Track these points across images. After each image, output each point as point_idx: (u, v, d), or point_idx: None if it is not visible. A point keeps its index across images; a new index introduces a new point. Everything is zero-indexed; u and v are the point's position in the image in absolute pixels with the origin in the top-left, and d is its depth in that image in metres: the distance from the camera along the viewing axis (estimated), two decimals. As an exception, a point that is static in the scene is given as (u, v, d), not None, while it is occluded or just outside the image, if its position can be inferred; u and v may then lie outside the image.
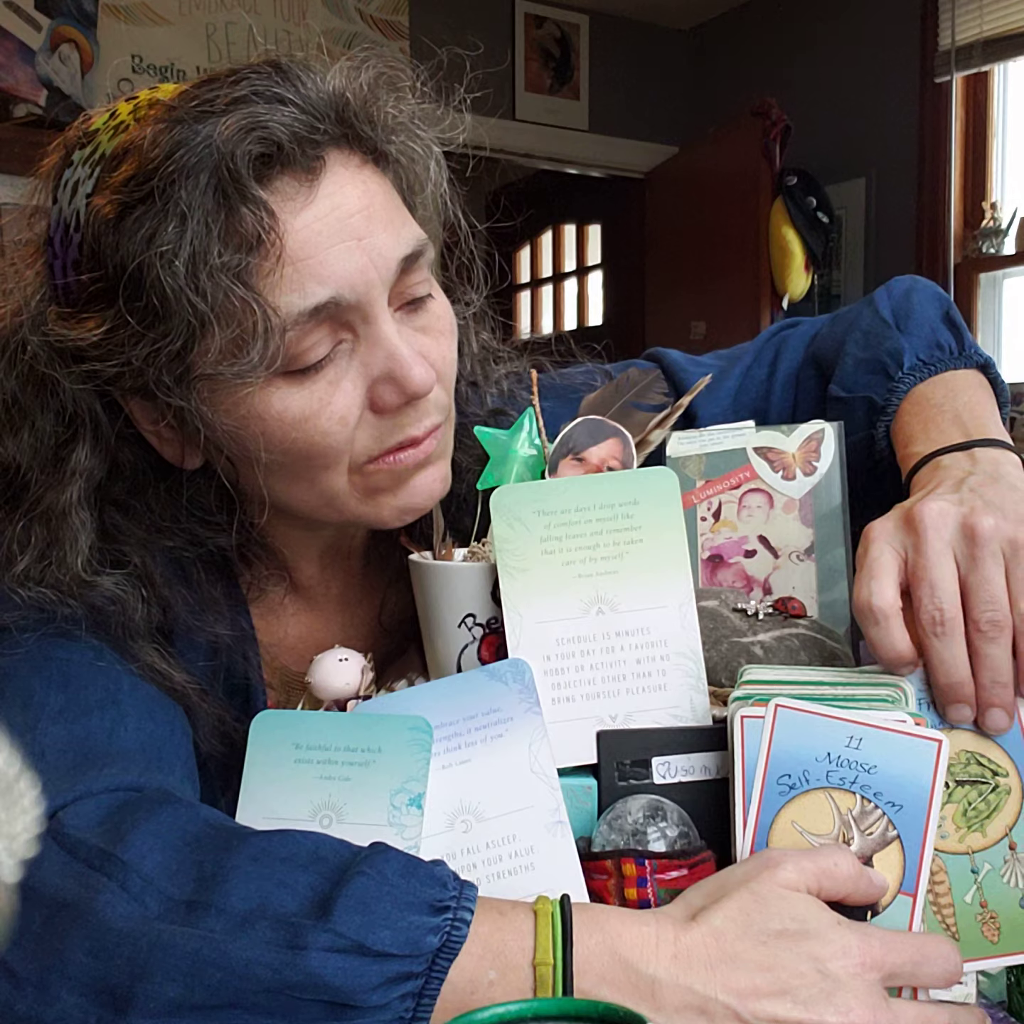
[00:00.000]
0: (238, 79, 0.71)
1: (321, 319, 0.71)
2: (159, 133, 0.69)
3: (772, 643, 0.74)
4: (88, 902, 0.55)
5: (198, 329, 0.69)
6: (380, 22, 4.14)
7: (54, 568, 0.73)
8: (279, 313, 0.69)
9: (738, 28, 4.72)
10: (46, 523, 0.74)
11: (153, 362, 0.71)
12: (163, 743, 0.71)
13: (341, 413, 0.73)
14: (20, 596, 0.71)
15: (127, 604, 0.74)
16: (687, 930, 0.55)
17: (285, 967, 0.52)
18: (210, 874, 0.56)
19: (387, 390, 0.74)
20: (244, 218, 0.68)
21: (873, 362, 0.88)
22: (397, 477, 0.77)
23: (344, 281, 0.71)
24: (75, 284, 0.73)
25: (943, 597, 0.64)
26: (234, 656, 0.80)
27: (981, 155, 3.92)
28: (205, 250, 0.67)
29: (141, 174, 0.69)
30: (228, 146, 0.67)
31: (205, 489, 0.80)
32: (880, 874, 0.60)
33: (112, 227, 0.70)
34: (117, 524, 0.77)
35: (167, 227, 0.67)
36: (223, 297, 0.68)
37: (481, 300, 0.91)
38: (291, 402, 0.72)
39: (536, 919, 0.56)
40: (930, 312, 0.89)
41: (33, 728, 0.66)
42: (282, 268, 0.69)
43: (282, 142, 0.69)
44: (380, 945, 0.53)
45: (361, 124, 0.75)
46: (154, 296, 0.68)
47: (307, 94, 0.72)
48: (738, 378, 0.98)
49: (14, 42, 3.50)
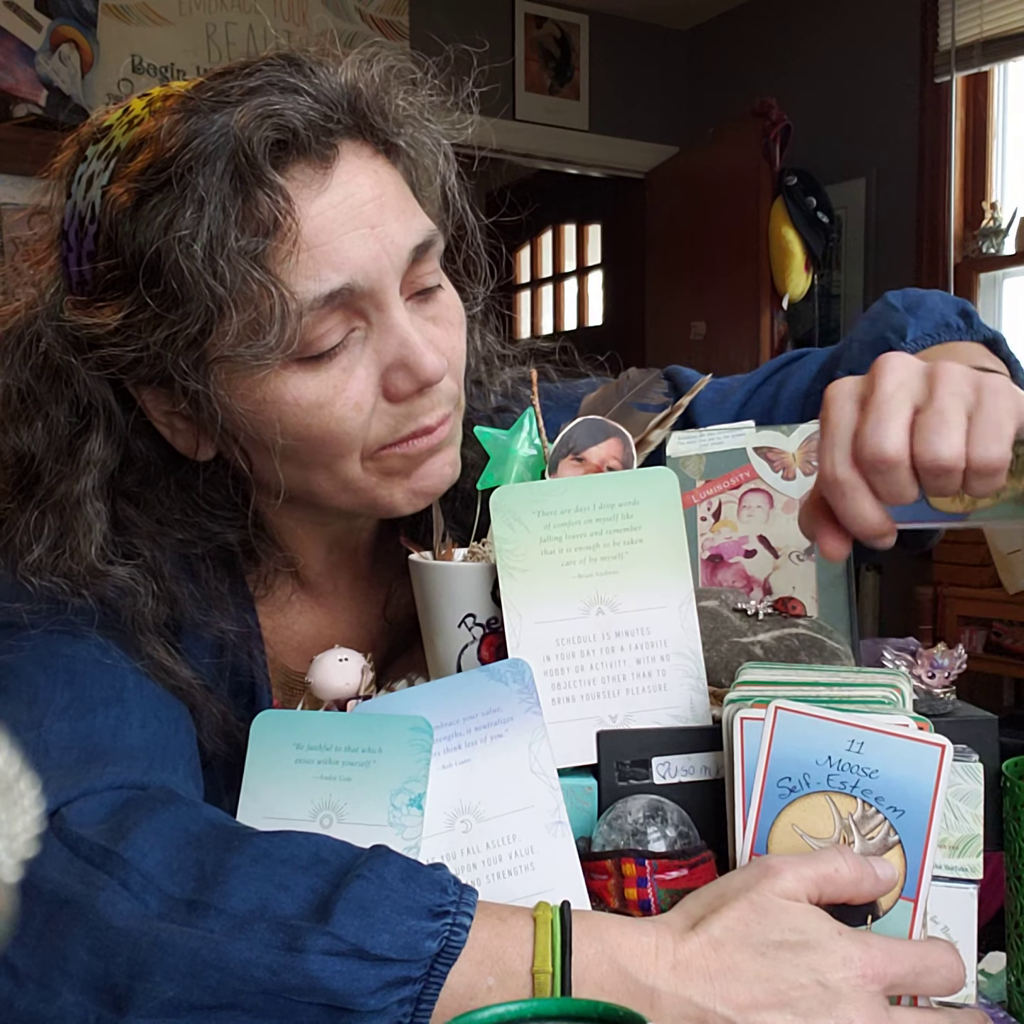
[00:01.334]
0: (252, 71, 0.73)
1: (335, 305, 0.72)
2: (176, 123, 0.70)
3: (772, 643, 0.74)
4: (89, 900, 0.55)
5: (216, 312, 0.69)
6: (380, 22, 4.14)
7: (67, 557, 0.73)
8: (295, 297, 0.70)
9: (738, 28, 4.72)
10: (59, 513, 0.74)
11: (171, 346, 0.71)
12: (167, 741, 0.71)
13: (356, 400, 0.74)
14: (33, 585, 0.72)
15: (137, 596, 0.74)
16: (686, 940, 0.55)
17: (283, 969, 0.52)
18: (211, 874, 0.56)
19: (400, 377, 0.75)
20: (261, 203, 0.69)
21: (877, 340, 0.88)
22: (411, 460, 0.78)
23: (358, 268, 0.72)
24: (90, 273, 0.74)
25: (884, 432, 0.60)
26: (239, 654, 0.81)
27: (981, 155, 3.92)
28: (223, 234, 0.68)
29: (158, 162, 0.70)
30: (245, 132, 0.68)
31: (216, 481, 0.80)
32: (887, 864, 0.58)
33: (129, 215, 0.71)
34: (129, 516, 0.78)
35: (185, 213, 0.68)
36: (240, 280, 0.69)
37: (486, 296, 0.91)
38: (305, 389, 0.73)
39: (535, 926, 0.56)
40: (943, 305, 0.89)
41: (38, 724, 0.66)
42: (298, 253, 0.70)
43: (297, 129, 0.70)
44: (379, 949, 0.53)
45: (373, 115, 0.76)
46: (173, 281, 0.69)
47: (320, 85, 0.73)
48: (746, 394, 0.99)
49: (14, 42, 3.50)
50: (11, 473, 0.77)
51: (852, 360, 0.90)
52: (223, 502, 0.81)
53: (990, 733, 0.67)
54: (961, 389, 0.60)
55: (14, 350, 0.77)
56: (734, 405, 0.98)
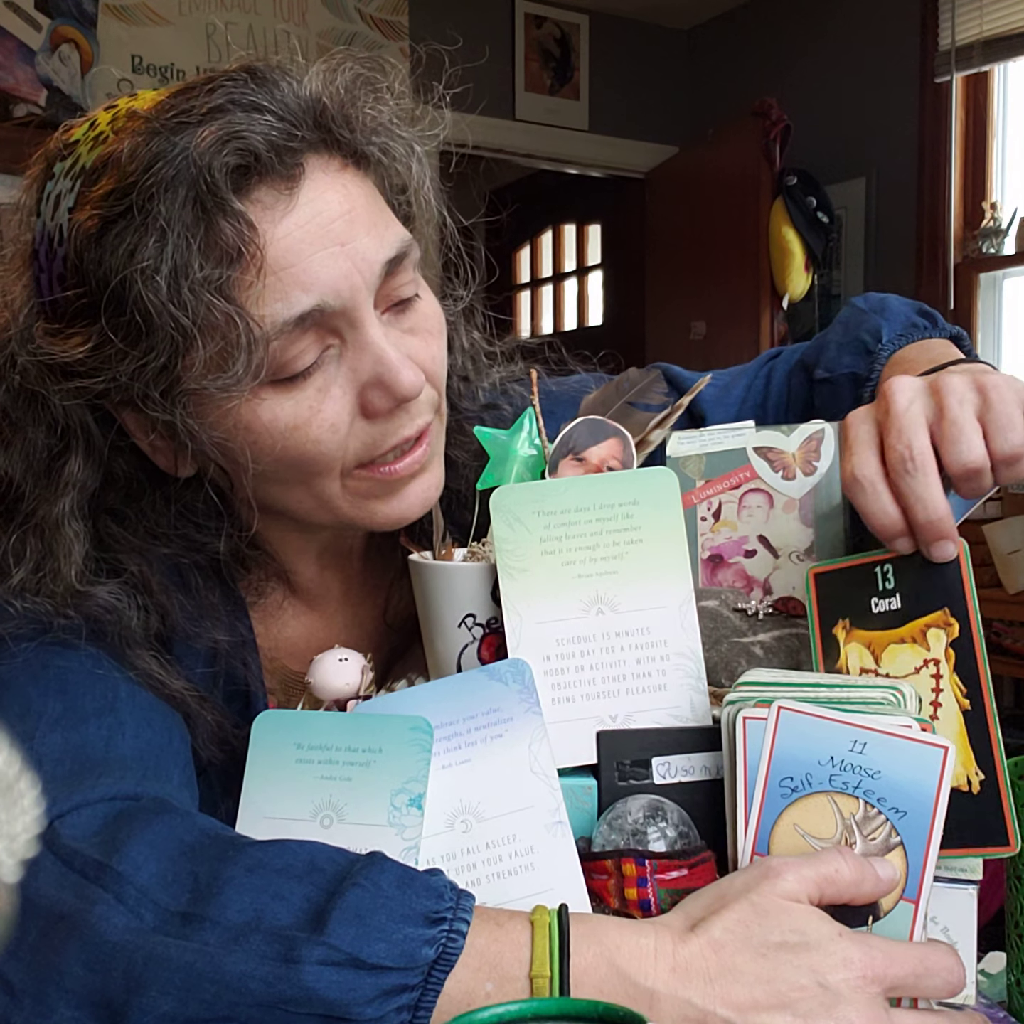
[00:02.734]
0: (214, 87, 0.71)
1: (307, 326, 0.71)
2: (137, 146, 0.69)
3: (772, 643, 0.74)
4: (84, 914, 0.55)
5: (181, 344, 0.69)
6: (380, 22, 4.14)
7: (48, 580, 0.72)
8: (262, 325, 0.69)
9: (738, 28, 4.72)
10: (40, 535, 0.74)
11: (139, 377, 0.70)
12: (161, 751, 0.70)
13: (332, 420, 0.73)
14: (16, 608, 0.71)
15: (123, 613, 0.73)
16: (686, 942, 0.55)
17: (279, 981, 0.52)
18: (205, 885, 0.55)
19: (376, 395, 0.74)
20: (223, 231, 0.68)
21: (854, 342, 0.92)
22: (390, 488, 0.78)
23: (328, 287, 0.71)
24: (61, 299, 0.73)
25: (911, 436, 0.64)
26: (233, 662, 0.80)
27: (981, 155, 3.92)
28: (186, 264, 0.67)
29: (120, 188, 0.69)
30: (205, 158, 0.67)
31: (200, 496, 0.79)
32: (888, 864, 0.58)
33: (94, 242, 0.70)
34: (112, 533, 0.77)
35: (148, 242, 0.67)
36: (205, 311, 0.68)
37: (471, 295, 0.91)
38: (280, 411, 0.72)
39: (533, 930, 0.55)
40: (905, 307, 0.94)
41: (31, 736, 0.66)
42: (264, 279, 0.69)
43: (259, 152, 0.69)
44: (375, 958, 0.53)
45: (339, 128, 0.75)
46: (137, 312, 0.68)
47: (283, 100, 0.72)
48: (744, 389, 1.01)
49: (14, 42, 3.50)
50: None
51: (831, 360, 0.93)
52: (210, 513, 0.80)
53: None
54: (965, 395, 0.65)
55: None
56: (736, 399, 1.00)
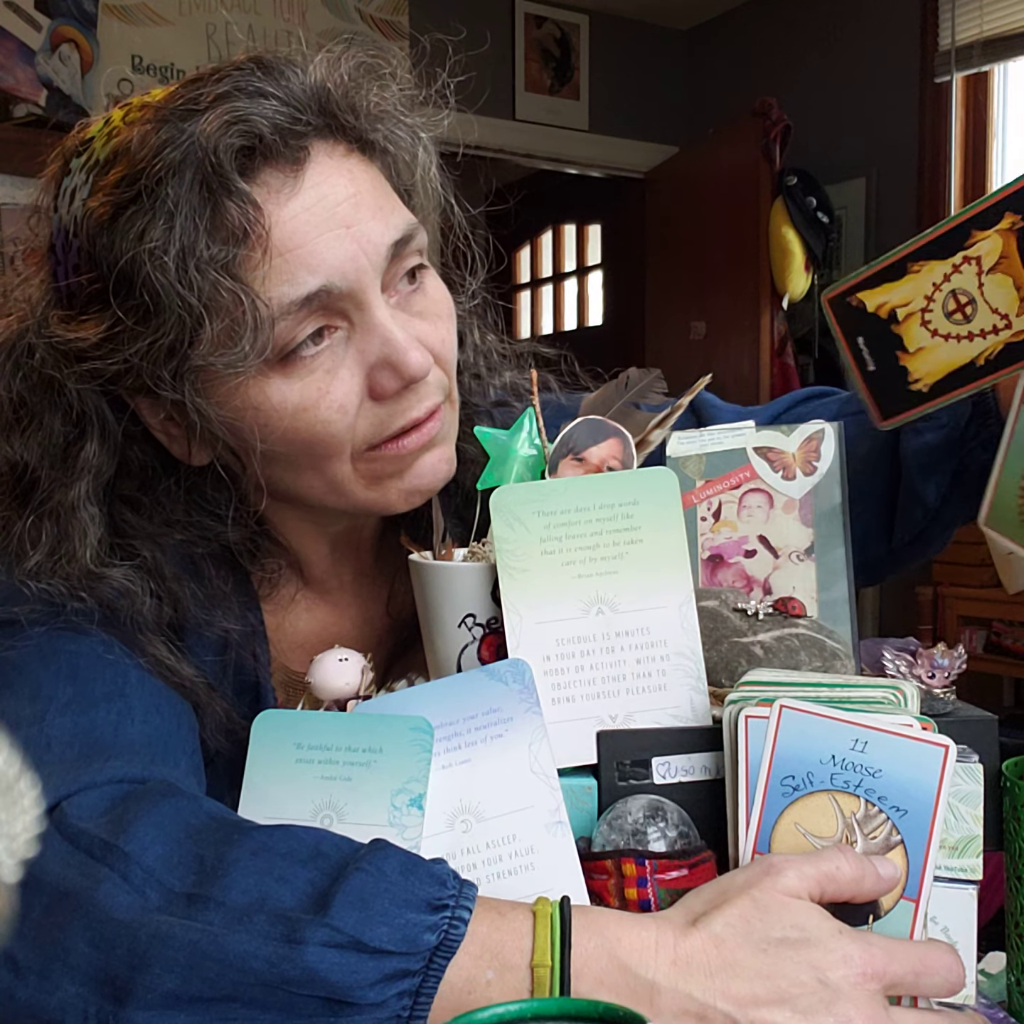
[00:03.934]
0: (221, 77, 0.73)
1: (314, 308, 0.72)
2: (147, 134, 0.71)
3: (772, 643, 0.74)
4: (89, 892, 0.55)
5: (189, 322, 0.70)
6: (380, 22, 4.14)
7: (64, 562, 0.74)
8: (269, 304, 0.70)
9: (738, 28, 4.72)
10: (56, 519, 0.75)
11: (149, 357, 0.72)
12: (169, 737, 0.71)
13: (340, 401, 0.74)
14: (31, 589, 0.72)
15: (136, 597, 0.75)
16: (687, 936, 0.55)
17: (282, 961, 0.53)
18: (211, 867, 0.56)
19: (384, 376, 0.75)
20: (229, 211, 0.69)
21: None
22: (401, 461, 0.78)
23: (335, 269, 0.72)
24: (76, 287, 0.75)
25: None
26: (243, 653, 0.81)
27: (981, 155, 3.92)
28: (193, 245, 0.69)
29: (131, 174, 0.71)
30: (210, 141, 0.69)
31: (214, 483, 0.81)
32: (889, 863, 0.58)
33: (106, 228, 0.72)
34: (127, 520, 0.78)
35: (156, 224, 0.69)
36: (212, 290, 0.69)
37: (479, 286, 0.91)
38: (289, 392, 0.73)
39: (535, 920, 0.56)
40: None
41: (41, 719, 0.67)
42: (270, 260, 0.71)
43: (263, 134, 0.71)
44: (377, 942, 0.53)
45: (344, 114, 0.76)
46: (146, 293, 0.70)
47: (289, 87, 0.73)
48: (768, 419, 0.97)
49: (14, 42, 3.50)
50: (6, 481, 0.78)
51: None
52: (224, 502, 0.81)
53: (990, 733, 0.67)
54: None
55: (5, 362, 0.77)
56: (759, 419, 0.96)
